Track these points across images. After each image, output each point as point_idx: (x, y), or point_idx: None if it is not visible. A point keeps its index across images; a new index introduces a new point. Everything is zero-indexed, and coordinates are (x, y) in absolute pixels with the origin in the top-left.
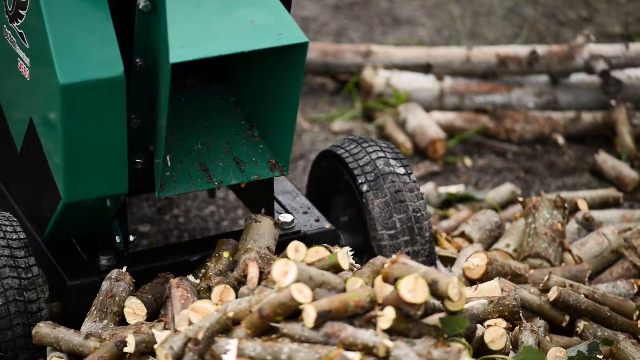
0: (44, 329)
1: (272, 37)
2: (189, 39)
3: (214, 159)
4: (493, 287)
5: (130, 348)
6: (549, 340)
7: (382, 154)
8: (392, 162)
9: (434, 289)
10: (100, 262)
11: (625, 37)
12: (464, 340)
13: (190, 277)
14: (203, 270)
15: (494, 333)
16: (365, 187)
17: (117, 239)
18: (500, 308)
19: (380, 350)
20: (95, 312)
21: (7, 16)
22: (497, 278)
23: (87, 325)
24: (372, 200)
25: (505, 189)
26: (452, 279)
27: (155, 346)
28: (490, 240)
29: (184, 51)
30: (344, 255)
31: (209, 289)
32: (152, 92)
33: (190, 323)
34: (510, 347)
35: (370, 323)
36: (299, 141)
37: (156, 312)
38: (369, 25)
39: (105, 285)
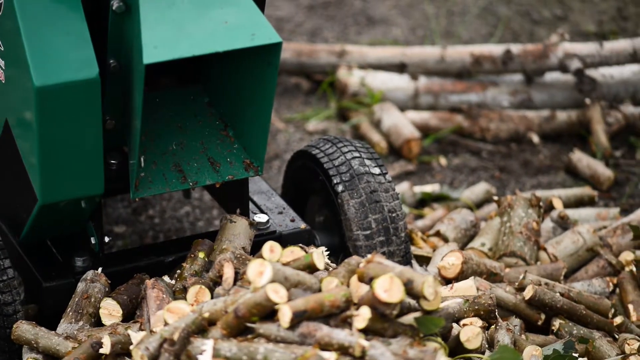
0: (24, 326)
1: (246, 38)
2: (162, 39)
3: (189, 160)
4: (469, 286)
5: (106, 349)
6: (524, 339)
7: (357, 154)
8: (367, 162)
9: (410, 289)
10: (76, 264)
11: (599, 36)
12: (439, 339)
13: (166, 278)
14: (179, 271)
15: (470, 332)
16: (340, 188)
17: (93, 240)
18: (476, 307)
19: (356, 350)
20: (70, 313)
21: None
22: (472, 277)
23: (63, 327)
24: (348, 201)
25: (480, 188)
26: (428, 279)
27: (131, 347)
28: (466, 239)
29: (157, 52)
30: (319, 255)
31: (185, 290)
32: (127, 93)
33: (165, 324)
34: (486, 346)
35: (346, 323)
36: (273, 141)
37: (132, 313)
38: (344, 25)
39: (80, 286)
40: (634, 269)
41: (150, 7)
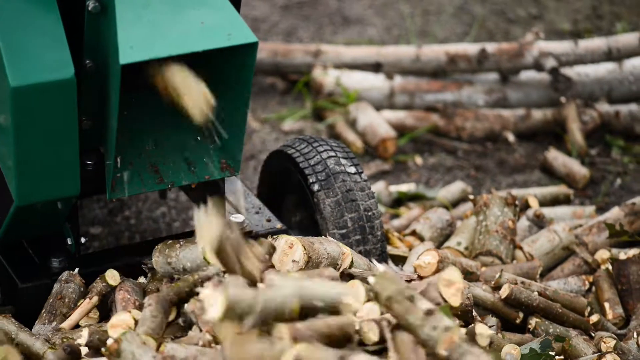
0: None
1: (222, 38)
2: (138, 40)
3: (165, 160)
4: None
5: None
6: (501, 338)
7: (332, 154)
8: (343, 161)
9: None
10: (52, 265)
11: (574, 34)
12: None
13: (142, 279)
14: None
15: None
16: (316, 187)
17: (69, 241)
18: None
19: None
20: (45, 314)
21: None
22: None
23: (37, 328)
24: (324, 200)
25: (456, 187)
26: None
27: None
28: (442, 238)
29: (133, 52)
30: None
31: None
32: (103, 94)
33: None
34: None
35: None
36: (249, 141)
37: (108, 313)
38: (319, 24)
39: (55, 287)
40: (610, 267)
41: (126, 7)
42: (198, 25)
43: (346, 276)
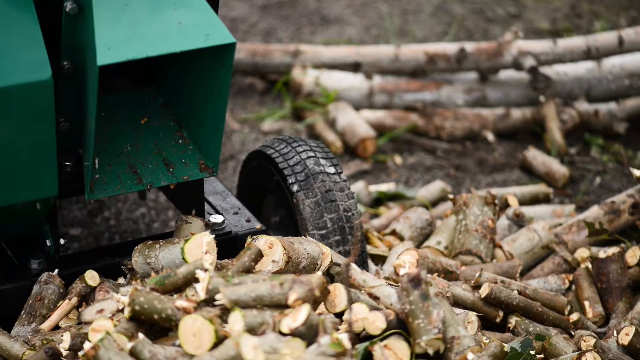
0: None
1: (200, 38)
2: (116, 41)
3: (144, 161)
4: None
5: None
6: (481, 337)
7: (312, 154)
8: (322, 161)
9: None
10: (31, 266)
11: (553, 33)
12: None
13: (122, 280)
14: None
15: None
16: (295, 187)
17: (48, 243)
18: None
19: None
20: (24, 315)
21: None
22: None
23: (16, 329)
24: (303, 200)
25: (435, 187)
26: None
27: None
28: (422, 237)
29: (111, 53)
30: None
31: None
32: (81, 95)
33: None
34: None
35: None
36: (228, 142)
37: None
38: (298, 24)
39: (35, 288)
40: (590, 265)
41: (104, 8)
42: (176, 26)
43: (326, 276)
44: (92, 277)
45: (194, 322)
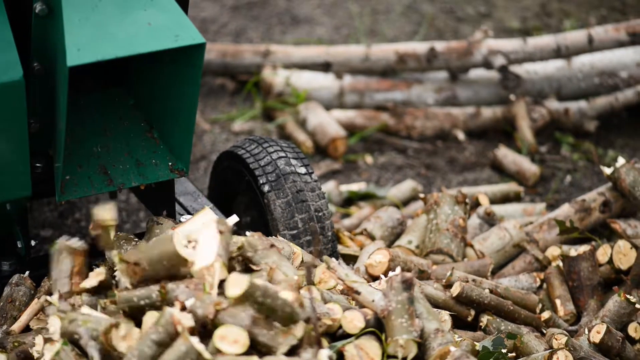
0: None
1: (169, 39)
2: (85, 42)
3: (114, 162)
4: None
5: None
6: (453, 336)
7: (282, 154)
8: (293, 161)
9: None
10: (2, 268)
11: (523, 32)
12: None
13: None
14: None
15: None
16: (266, 188)
17: (19, 244)
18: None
19: None
20: None
21: None
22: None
23: None
24: (274, 201)
25: (406, 186)
26: None
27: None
28: (393, 237)
29: (81, 54)
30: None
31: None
32: (51, 96)
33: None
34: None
35: None
36: (199, 142)
37: None
38: (268, 25)
39: (6, 290)
40: (561, 264)
41: (73, 9)
42: (145, 26)
43: None
44: None
45: None
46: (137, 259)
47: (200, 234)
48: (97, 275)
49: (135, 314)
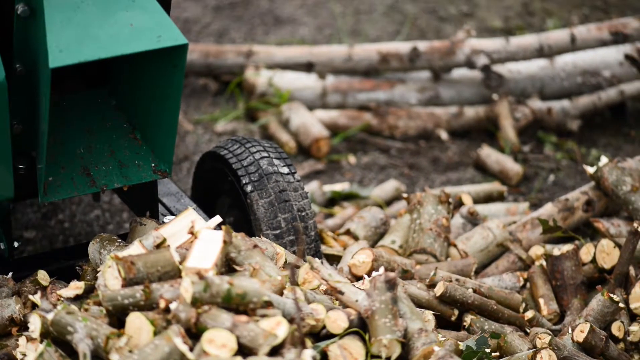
0: None
1: (152, 40)
2: (68, 43)
3: (97, 163)
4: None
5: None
6: (437, 335)
7: (265, 154)
8: (276, 161)
9: None
10: None
11: (505, 32)
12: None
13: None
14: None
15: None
16: (249, 188)
17: (2, 246)
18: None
19: None
20: None
21: None
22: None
23: None
24: (257, 201)
25: (389, 186)
26: None
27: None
28: (376, 237)
29: (63, 55)
30: None
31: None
32: (34, 98)
33: None
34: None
35: None
36: (182, 143)
37: None
38: (251, 25)
39: None
40: (544, 263)
41: (55, 10)
42: (128, 27)
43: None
44: (43, 277)
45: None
46: (133, 260)
47: (203, 233)
48: (75, 288)
49: (119, 314)
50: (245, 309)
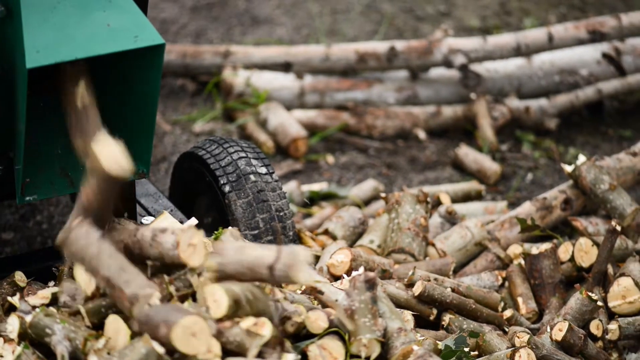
0: None
1: (129, 40)
2: (45, 43)
3: (75, 164)
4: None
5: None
6: (415, 335)
7: (243, 154)
8: (254, 162)
9: None
10: None
11: (483, 31)
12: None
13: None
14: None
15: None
16: (227, 188)
17: None
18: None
19: None
20: None
21: None
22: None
23: None
24: (235, 201)
25: (368, 185)
26: None
27: None
28: (354, 236)
29: (40, 56)
30: None
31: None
32: (10, 98)
33: None
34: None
35: None
36: (160, 143)
37: None
38: (228, 25)
39: None
40: (522, 262)
41: (32, 11)
42: (105, 28)
43: None
44: (20, 278)
45: None
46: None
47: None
48: (41, 298)
49: (99, 317)
50: None
